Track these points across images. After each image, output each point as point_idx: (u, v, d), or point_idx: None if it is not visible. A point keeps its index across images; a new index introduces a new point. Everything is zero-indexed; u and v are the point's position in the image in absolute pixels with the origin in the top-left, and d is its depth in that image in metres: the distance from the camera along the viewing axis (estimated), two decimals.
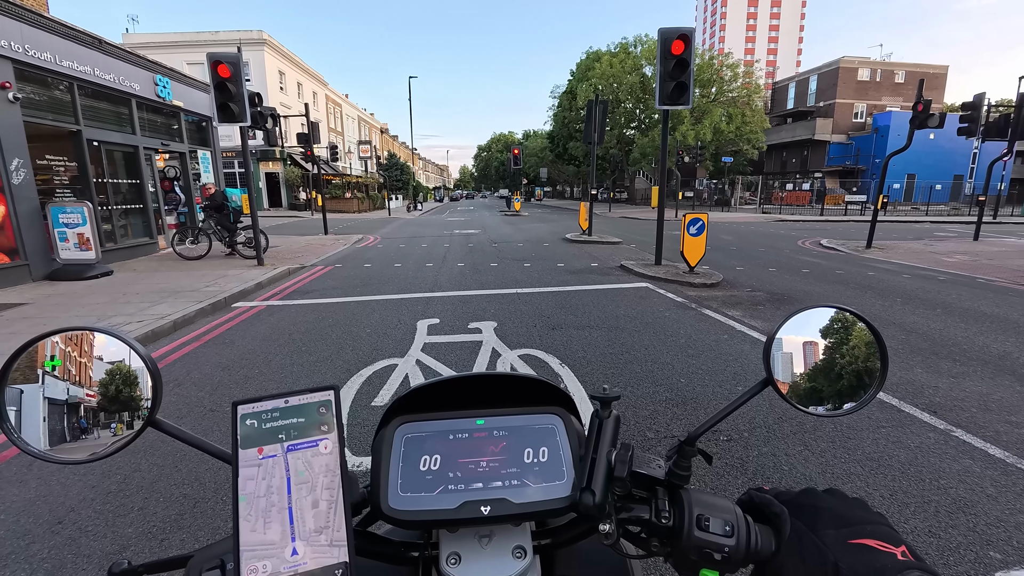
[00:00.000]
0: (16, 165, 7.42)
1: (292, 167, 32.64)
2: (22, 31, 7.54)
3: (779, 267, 9.43)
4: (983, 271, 8.88)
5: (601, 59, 36.04)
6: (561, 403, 0.70)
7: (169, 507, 2.36)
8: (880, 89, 41.50)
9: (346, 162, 44.70)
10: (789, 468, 2.65)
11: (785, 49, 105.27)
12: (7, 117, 7.30)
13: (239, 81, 7.91)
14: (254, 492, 0.49)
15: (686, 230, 8.18)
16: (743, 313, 5.96)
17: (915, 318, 5.74)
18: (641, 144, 34.11)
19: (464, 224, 22.07)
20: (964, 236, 15.42)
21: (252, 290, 7.27)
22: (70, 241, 7.77)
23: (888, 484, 2.50)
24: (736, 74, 33.58)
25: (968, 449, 2.86)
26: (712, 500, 0.57)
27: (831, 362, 0.65)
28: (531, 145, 62.93)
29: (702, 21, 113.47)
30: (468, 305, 6.34)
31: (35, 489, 2.51)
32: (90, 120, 9.16)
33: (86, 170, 9.05)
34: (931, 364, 4.23)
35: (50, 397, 0.57)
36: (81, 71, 8.75)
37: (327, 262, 10.17)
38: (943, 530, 2.16)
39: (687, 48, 7.36)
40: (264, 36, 30.76)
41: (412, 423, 0.66)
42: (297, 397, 0.53)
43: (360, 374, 3.98)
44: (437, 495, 0.59)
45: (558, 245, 13.26)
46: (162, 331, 5.18)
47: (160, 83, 11.02)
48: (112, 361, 0.59)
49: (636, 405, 3.41)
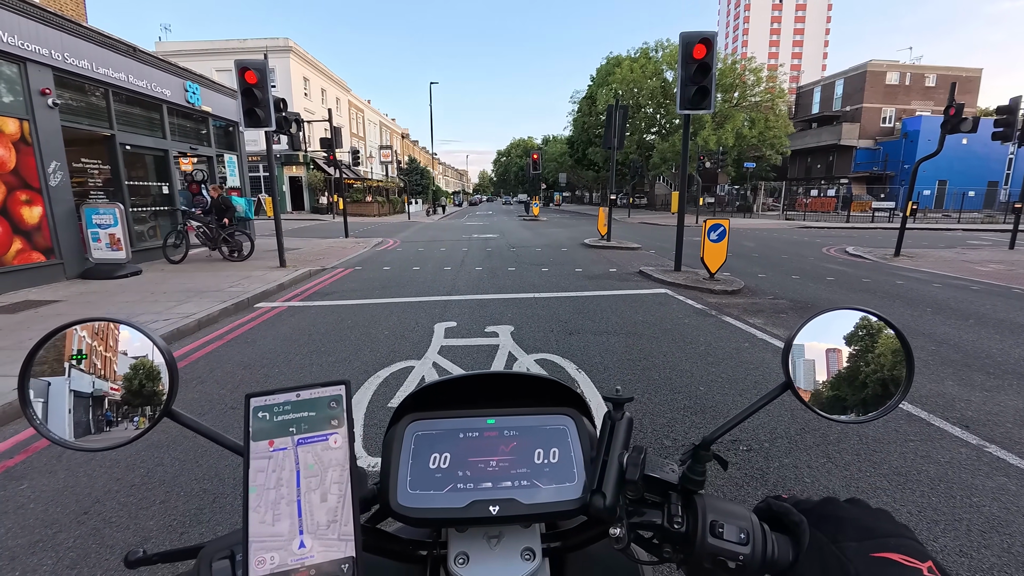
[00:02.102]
0: (54, 168, 7.73)
1: (315, 171, 33.28)
2: (62, 40, 7.87)
3: (803, 275, 9.23)
4: (1020, 281, 8.53)
5: (622, 64, 35.92)
6: (573, 404, 0.69)
7: (189, 501, 2.41)
8: (910, 93, 40.37)
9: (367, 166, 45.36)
10: (811, 480, 2.57)
11: (810, 53, 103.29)
12: (46, 122, 7.62)
13: (265, 87, 8.11)
14: (264, 484, 0.50)
15: (707, 236, 8.06)
16: (765, 321, 5.84)
17: (946, 328, 5.54)
18: (661, 149, 33.81)
19: (483, 228, 22.17)
20: (999, 245, 14.85)
21: (274, 291, 7.42)
22: (102, 241, 8.05)
23: (916, 500, 2.41)
24: (759, 78, 33.09)
25: (1003, 466, 2.74)
26: (727, 507, 0.55)
27: (856, 370, 0.63)
28: (550, 150, 63.02)
29: (724, 25, 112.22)
30: (485, 309, 6.35)
31: (63, 480, 2.59)
32: (123, 125, 9.49)
33: (119, 173, 9.37)
34: (963, 377, 4.07)
35: (76, 390, 0.59)
36: (116, 78, 9.08)
37: (347, 264, 10.32)
38: (975, 550, 2.07)
39: (709, 52, 7.28)
40: (290, 43, 31.50)
41: (423, 420, 0.66)
42: (309, 391, 0.53)
43: (378, 375, 4.02)
44: (446, 493, 0.59)
45: (576, 250, 13.20)
46: (187, 329, 5.32)
47: (190, 89, 11.37)
48: (136, 356, 0.61)
49: (654, 412, 3.37)
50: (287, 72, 31.51)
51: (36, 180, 7.50)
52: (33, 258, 7.49)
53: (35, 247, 7.51)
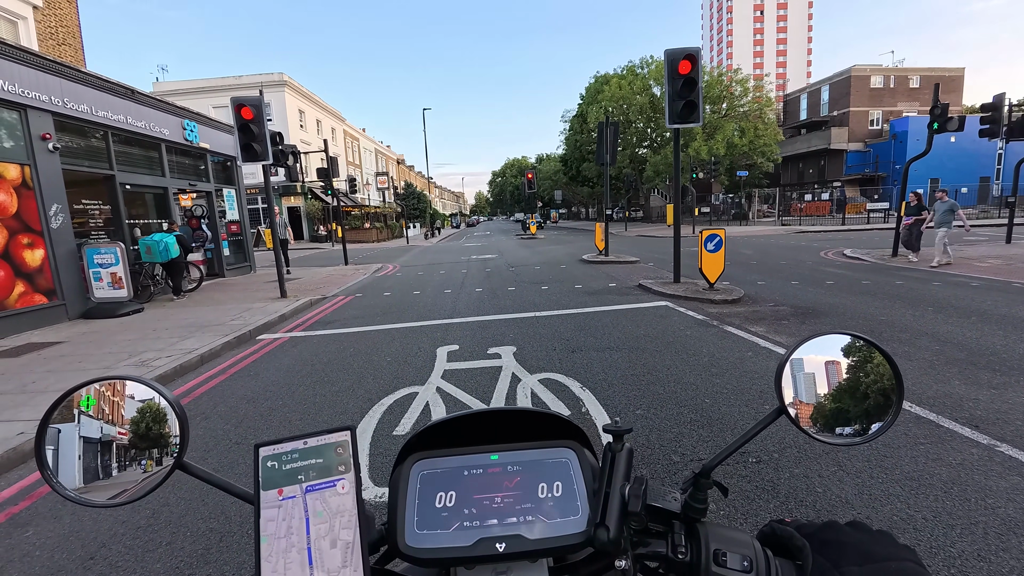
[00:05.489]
0: (55, 210, 7.83)
1: (313, 200, 33.62)
2: (62, 86, 8.06)
3: (802, 280, 9.24)
4: (1019, 275, 8.55)
5: (610, 82, 36.60)
6: (574, 436, 0.70)
7: (196, 542, 2.38)
8: (895, 95, 41.05)
9: (364, 193, 45.85)
10: (823, 490, 2.54)
11: (794, 61, 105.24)
12: (47, 166, 7.74)
13: (261, 122, 8.26)
14: (275, 533, 0.51)
15: (704, 246, 8.10)
16: (767, 329, 5.84)
17: (949, 327, 5.53)
18: (654, 162, 34.21)
19: (481, 249, 22.28)
20: (995, 239, 14.91)
21: (276, 322, 7.43)
22: (104, 280, 8.10)
23: (931, 505, 2.38)
24: (746, 89, 33.65)
25: (1015, 465, 2.71)
26: (730, 534, 0.56)
27: (856, 381, 0.65)
28: (544, 169, 63.68)
29: (709, 39, 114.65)
30: (487, 330, 6.35)
31: (69, 525, 2.57)
32: (123, 164, 9.65)
33: (119, 212, 9.49)
34: (969, 375, 4.05)
35: (85, 436, 0.60)
36: (115, 120, 9.27)
37: (348, 292, 10.35)
38: (994, 554, 2.04)
39: (694, 67, 7.44)
40: (284, 78, 32.16)
41: (428, 459, 0.67)
42: (316, 439, 0.55)
43: (381, 403, 4.00)
44: (453, 532, 0.59)
45: (575, 266, 13.25)
46: (189, 365, 5.31)
47: (188, 127, 11.58)
48: (143, 399, 0.62)
49: (660, 428, 3.34)
50: (282, 105, 32.08)
51: (38, 223, 7.59)
52: (35, 300, 7.52)
53: (37, 289, 7.56)
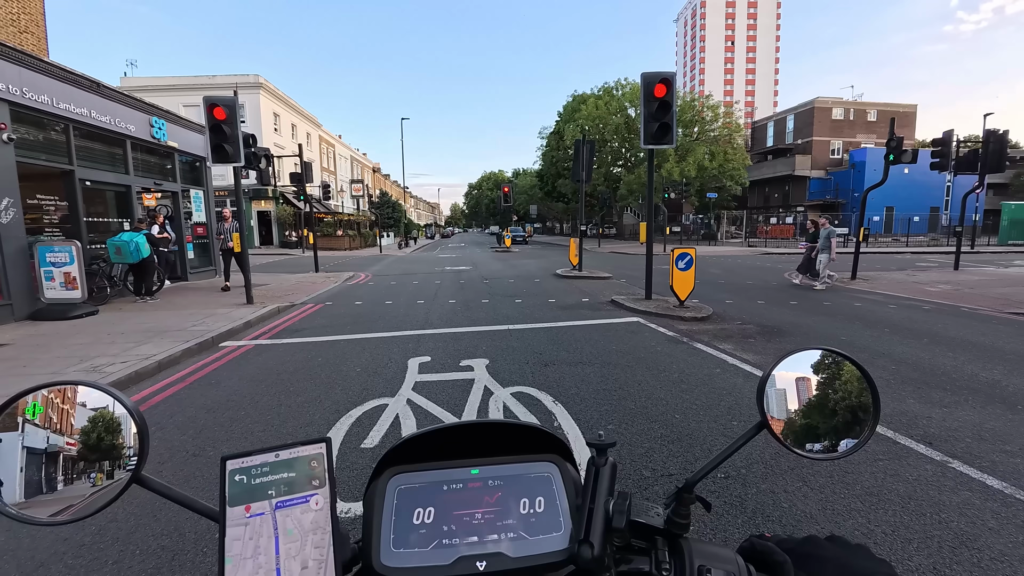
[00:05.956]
0: (6, 205, 7.40)
1: (284, 205, 32.89)
2: (20, 74, 7.68)
3: (767, 300, 9.54)
4: (966, 300, 9.05)
5: (587, 101, 37.41)
6: (556, 450, 0.68)
7: (146, 560, 2.24)
8: (854, 127, 43.32)
9: (338, 200, 45.18)
10: (789, 506, 2.59)
11: (762, 90, 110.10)
12: (0, 158, 7.34)
13: (234, 123, 8.06)
14: (240, 554, 0.48)
15: (675, 264, 8.28)
16: (735, 346, 5.98)
17: (904, 348, 5.79)
18: (628, 181, 34.99)
19: (455, 260, 22.19)
20: (945, 266, 15.79)
21: (240, 329, 7.17)
22: (56, 280, 7.67)
23: (889, 519, 2.46)
24: (717, 114, 34.93)
25: (966, 480, 2.83)
26: (713, 550, 0.56)
27: (824, 398, 0.66)
28: (521, 183, 64.34)
29: (682, 65, 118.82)
30: (460, 342, 6.29)
31: (3, 542, 2.37)
32: (84, 160, 9.22)
33: (77, 209, 9.04)
34: (923, 394, 4.24)
35: (29, 446, 0.55)
36: (78, 113, 8.88)
37: (317, 300, 10.11)
38: (947, 567, 2.11)
39: (669, 91, 7.67)
40: (260, 80, 31.60)
41: (405, 474, 0.64)
42: (288, 451, 0.52)
43: (349, 415, 3.89)
44: (431, 550, 0.56)
45: (549, 281, 13.33)
46: (146, 372, 5.06)
47: (156, 124, 11.20)
48: (95, 407, 0.57)
49: (631, 443, 3.36)
50: (257, 108, 31.46)
51: None
52: None
53: None
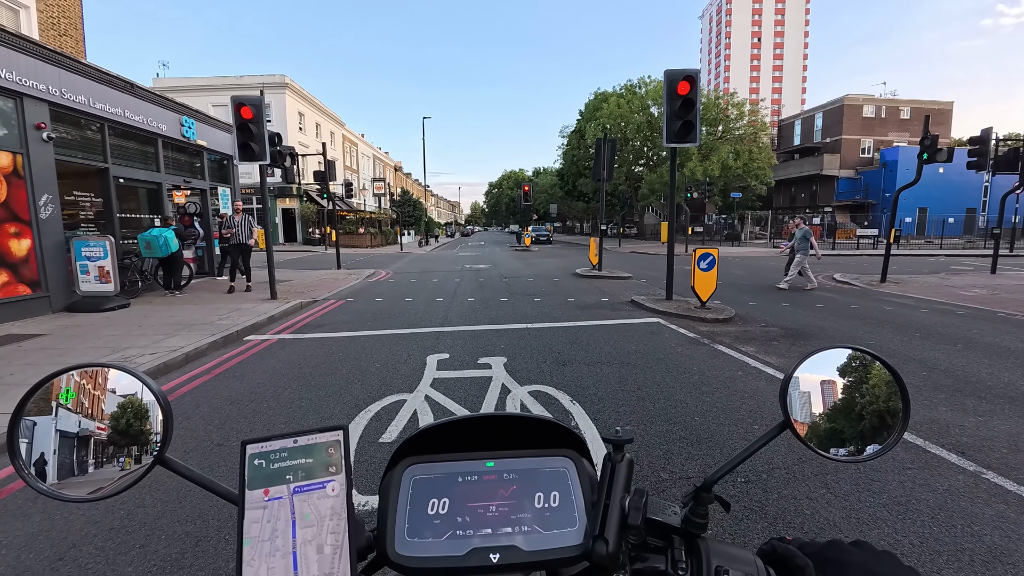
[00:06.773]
0: (45, 201, 7.72)
1: (308, 203, 33.49)
2: (60, 76, 7.99)
3: (792, 302, 9.32)
4: (1004, 305, 8.68)
5: (608, 100, 37.09)
6: (572, 445, 0.68)
7: (171, 545, 2.31)
8: (886, 125, 41.96)
9: (360, 198, 45.80)
10: (811, 512, 2.53)
11: (789, 88, 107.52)
12: (40, 156, 7.65)
13: (260, 122, 8.24)
14: (259, 536, 0.49)
15: (697, 265, 8.16)
16: (757, 349, 5.86)
17: (936, 354, 5.58)
18: (650, 180, 34.61)
19: (475, 259, 22.28)
20: (981, 270, 15.17)
21: (264, 323, 7.34)
22: (91, 274, 7.97)
23: (917, 531, 2.38)
24: (742, 112, 34.28)
25: (1001, 492, 2.72)
26: (731, 551, 0.54)
27: (851, 401, 0.64)
28: (541, 182, 64.12)
29: (706, 63, 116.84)
30: (478, 340, 6.32)
31: (38, 523, 2.48)
32: (118, 158, 9.56)
33: (111, 205, 9.38)
34: (956, 402, 4.09)
35: (62, 430, 0.57)
36: (113, 113, 9.20)
37: (339, 296, 10.27)
38: None
39: (693, 88, 7.55)
40: (286, 80, 32.22)
41: (421, 464, 0.64)
42: (306, 437, 0.53)
43: (368, 409, 3.95)
44: (445, 541, 0.57)
45: (568, 280, 13.28)
46: (174, 363, 5.22)
47: (186, 124, 11.53)
48: (125, 394, 0.59)
49: (649, 444, 3.32)
50: (283, 107, 32.10)
51: (26, 213, 7.47)
52: (19, 291, 7.38)
53: (21, 280, 7.41)
